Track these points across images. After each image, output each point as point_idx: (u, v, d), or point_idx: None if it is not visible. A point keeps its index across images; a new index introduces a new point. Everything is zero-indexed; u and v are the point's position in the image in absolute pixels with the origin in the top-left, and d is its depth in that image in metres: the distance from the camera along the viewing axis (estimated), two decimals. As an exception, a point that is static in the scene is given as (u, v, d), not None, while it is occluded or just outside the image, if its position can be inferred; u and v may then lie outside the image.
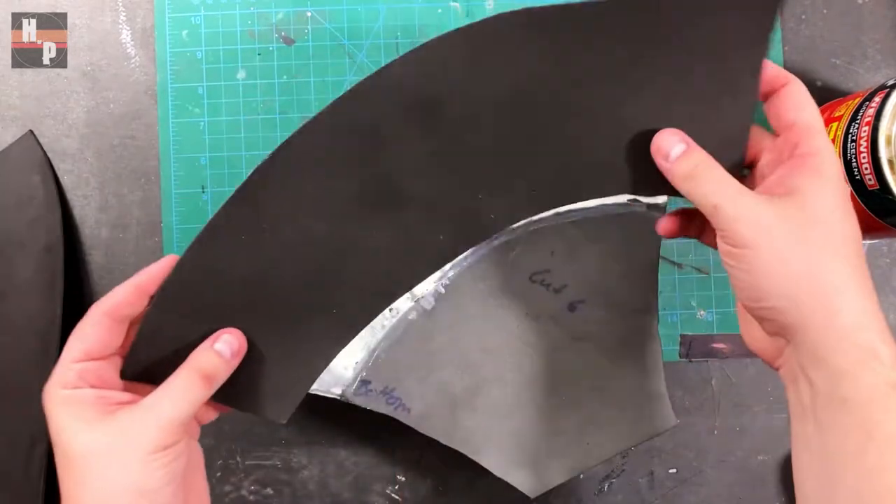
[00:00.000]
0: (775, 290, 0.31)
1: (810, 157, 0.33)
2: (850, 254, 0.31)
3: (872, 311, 0.31)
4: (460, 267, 0.42)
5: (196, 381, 0.33)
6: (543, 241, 0.42)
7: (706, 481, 0.51)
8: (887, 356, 0.30)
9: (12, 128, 0.52)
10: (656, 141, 0.34)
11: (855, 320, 0.30)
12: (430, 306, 0.43)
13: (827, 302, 0.30)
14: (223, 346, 0.35)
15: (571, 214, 0.42)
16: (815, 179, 0.32)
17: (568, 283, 0.42)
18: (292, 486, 0.51)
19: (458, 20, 0.52)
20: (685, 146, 0.34)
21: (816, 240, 0.31)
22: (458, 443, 0.42)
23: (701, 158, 0.33)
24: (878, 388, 0.29)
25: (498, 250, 0.42)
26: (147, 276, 0.35)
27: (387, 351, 0.42)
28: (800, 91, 0.34)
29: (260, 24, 0.52)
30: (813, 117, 0.34)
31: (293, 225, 0.35)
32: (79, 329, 0.35)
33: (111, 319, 0.35)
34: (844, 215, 0.32)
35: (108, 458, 0.31)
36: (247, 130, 0.51)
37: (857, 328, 0.30)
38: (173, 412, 0.32)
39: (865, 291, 0.31)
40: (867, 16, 0.52)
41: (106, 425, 0.32)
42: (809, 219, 0.31)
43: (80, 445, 0.32)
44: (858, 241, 0.32)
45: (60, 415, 0.33)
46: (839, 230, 0.32)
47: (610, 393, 0.42)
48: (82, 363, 0.34)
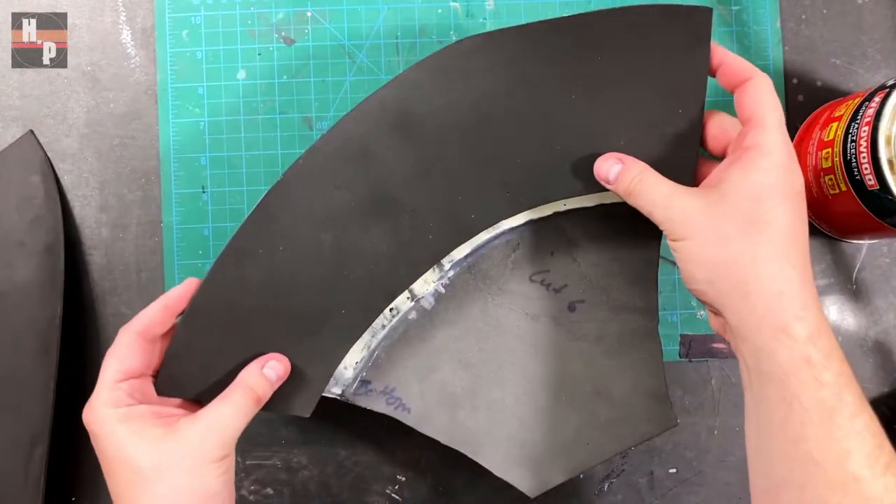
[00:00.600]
0: (699, 276, 0.35)
1: (748, 150, 0.35)
2: (772, 239, 0.33)
3: (789, 291, 0.33)
4: (460, 267, 0.43)
5: (250, 401, 0.37)
6: (543, 241, 0.42)
7: (706, 481, 0.51)
8: (800, 333, 0.32)
9: (12, 128, 0.52)
10: (596, 168, 0.39)
11: (767, 301, 0.33)
12: (430, 306, 0.43)
13: (741, 285, 0.33)
14: (271, 372, 0.39)
15: (571, 215, 0.42)
16: (743, 171, 0.34)
17: (568, 282, 0.42)
18: (292, 486, 0.51)
19: (457, 20, 0.52)
20: (620, 165, 0.38)
21: (732, 228, 0.34)
22: (459, 443, 0.42)
23: (634, 173, 0.37)
24: (794, 363, 0.32)
25: (498, 250, 0.43)
26: (173, 296, 0.39)
27: (387, 351, 0.42)
28: (759, 86, 0.36)
29: (260, 24, 0.52)
30: (767, 112, 0.35)
31: (304, 237, 0.39)
32: (114, 352, 0.38)
33: (143, 339, 0.38)
34: (771, 203, 0.34)
35: (177, 468, 0.35)
36: (247, 130, 0.51)
37: (770, 309, 0.33)
38: (234, 426, 0.36)
39: (783, 273, 0.33)
40: (867, 16, 0.52)
41: (172, 438, 0.35)
42: (728, 208, 0.34)
43: (149, 459, 0.35)
44: (787, 226, 0.33)
45: (121, 432, 0.35)
46: (759, 217, 0.33)
47: (610, 393, 0.42)
48: (126, 382, 0.37)
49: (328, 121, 0.51)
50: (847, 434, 0.31)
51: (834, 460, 0.31)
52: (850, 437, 0.31)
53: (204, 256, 0.51)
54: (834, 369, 0.32)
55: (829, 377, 0.32)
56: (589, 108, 0.39)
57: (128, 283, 0.51)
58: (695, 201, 0.35)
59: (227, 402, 0.37)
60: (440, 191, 0.39)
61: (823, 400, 0.31)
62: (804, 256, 0.34)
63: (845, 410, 0.31)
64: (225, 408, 0.36)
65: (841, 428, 0.31)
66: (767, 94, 0.36)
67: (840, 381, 0.32)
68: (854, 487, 0.31)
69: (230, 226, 0.51)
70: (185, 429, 0.35)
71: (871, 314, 0.51)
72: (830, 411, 0.31)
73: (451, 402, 0.42)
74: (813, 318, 0.32)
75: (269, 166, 0.51)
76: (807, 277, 0.33)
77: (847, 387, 0.32)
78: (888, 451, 0.32)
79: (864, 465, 0.31)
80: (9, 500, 0.46)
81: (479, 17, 0.52)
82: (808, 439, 0.32)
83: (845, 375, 0.32)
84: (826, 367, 0.32)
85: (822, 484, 0.31)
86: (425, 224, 0.40)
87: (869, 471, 0.31)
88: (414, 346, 0.42)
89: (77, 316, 0.51)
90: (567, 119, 0.39)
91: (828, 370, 0.32)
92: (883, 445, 0.32)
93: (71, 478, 0.51)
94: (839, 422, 0.31)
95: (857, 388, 0.32)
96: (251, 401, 0.37)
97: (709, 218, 0.35)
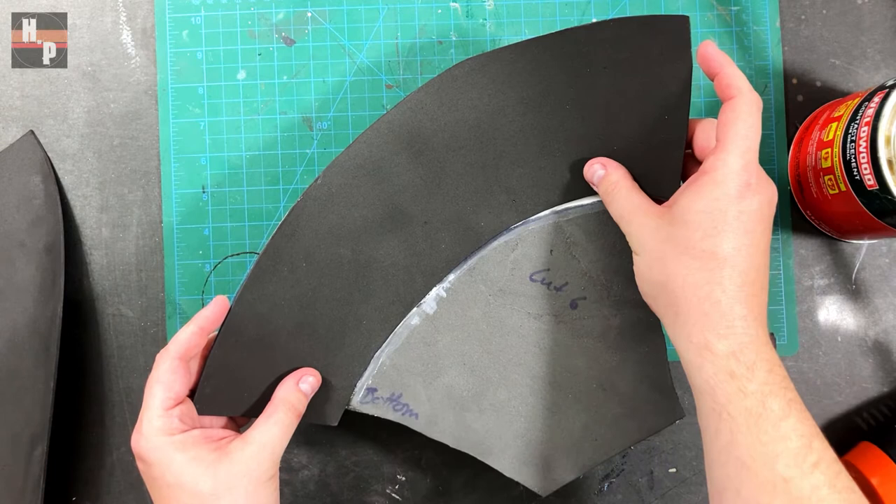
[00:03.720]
0: (645, 289, 0.38)
1: (703, 176, 0.36)
2: (704, 266, 0.35)
3: (714, 312, 0.35)
4: (461, 270, 0.43)
5: (292, 416, 0.39)
6: (542, 240, 0.43)
7: (706, 481, 0.51)
8: (722, 349, 0.34)
9: (13, 128, 0.52)
10: (585, 171, 0.41)
11: (693, 321, 0.35)
12: (432, 311, 0.43)
13: (672, 305, 0.36)
14: (306, 386, 0.40)
15: (569, 212, 0.42)
16: (692, 197, 0.36)
17: (568, 280, 0.43)
18: (292, 486, 0.51)
19: (457, 20, 0.52)
20: (603, 171, 0.40)
21: (672, 251, 0.36)
22: (467, 446, 0.43)
23: (613, 180, 0.39)
24: (718, 376, 0.34)
25: (497, 251, 0.43)
26: (206, 317, 0.40)
27: (391, 357, 0.43)
28: (738, 107, 0.36)
29: (260, 24, 0.52)
30: (733, 136, 0.36)
31: (324, 253, 0.41)
32: (158, 378, 0.39)
33: (183, 362, 0.39)
34: (711, 231, 0.35)
35: (235, 490, 0.37)
36: (247, 130, 0.51)
37: (696, 328, 0.35)
38: (281, 443, 0.38)
39: (711, 297, 0.35)
40: (867, 16, 0.52)
41: (226, 461, 0.37)
42: (672, 231, 0.36)
43: (208, 484, 0.36)
44: (722, 255, 0.35)
45: (179, 460, 0.37)
46: (696, 244, 0.35)
47: (616, 388, 0.42)
48: (176, 408, 0.39)
49: (328, 121, 0.51)
50: (773, 438, 0.33)
51: (762, 464, 0.33)
52: (776, 440, 0.33)
53: (204, 256, 0.51)
54: (759, 379, 0.34)
55: (753, 387, 0.34)
56: (582, 117, 0.41)
57: (128, 283, 0.51)
58: (650, 221, 0.37)
59: (272, 421, 0.38)
60: (450, 202, 0.42)
61: (749, 408, 0.33)
62: (745, 279, 0.35)
63: (770, 416, 0.33)
64: (271, 427, 0.38)
65: (767, 433, 0.33)
66: (743, 116, 0.36)
67: (764, 390, 0.34)
68: (783, 487, 0.32)
69: (230, 226, 0.51)
70: (237, 451, 0.37)
71: (871, 314, 0.51)
72: (756, 418, 0.33)
73: (458, 406, 0.43)
74: (739, 336, 0.34)
75: (269, 166, 0.51)
76: (743, 298, 0.35)
77: (773, 394, 0.34)
78: (818, 449, 0.33)
79: (792, 464, 0.32)
80: (9, 500, 0.46)
81: (479, 18, 0.52)
82: (739, 445, 0.34)
83: (772, 384, 0.34)
84: (749, 378, 0.34)
85: (754, 486, 0.33)
86: (438, 234, 0.42)
87: (797, 470, 0.32)
88: (418, 352, 0.43)
89: (77, 316, 0.51)
90: (562, 128, 0.41)
91: (752, 381, 0.34)
92: (812, 445, 0.33)
93: (71, 478, 0.51)
94: (765, 427, 0.33)
95: (786, 394, 0.34)
96: (293, 416, 0.39)
97: (656, 239, 0.37)
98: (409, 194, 0.42)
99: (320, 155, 0.51)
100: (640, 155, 0.40)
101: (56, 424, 0.47)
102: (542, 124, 0.41)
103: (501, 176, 0.42)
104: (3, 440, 0.47)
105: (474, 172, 0.42)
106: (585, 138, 0.41)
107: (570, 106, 0.41)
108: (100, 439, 0.51)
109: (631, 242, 0.38)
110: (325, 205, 0.41)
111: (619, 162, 0.40)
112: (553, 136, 0.41)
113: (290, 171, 0.51)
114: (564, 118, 0.41)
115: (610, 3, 0.51)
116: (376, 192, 0.41)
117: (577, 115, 0.41)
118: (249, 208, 0.51)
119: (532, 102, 0.41)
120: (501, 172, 0.42)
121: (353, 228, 0.41)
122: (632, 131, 0.40)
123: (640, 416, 0.42)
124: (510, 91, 0.41)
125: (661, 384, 0.42)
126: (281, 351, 0.41)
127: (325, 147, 0.51)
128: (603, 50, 0.40)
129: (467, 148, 0.41)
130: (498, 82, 0.41)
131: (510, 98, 0.41)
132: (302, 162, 0.51)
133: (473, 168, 0.42)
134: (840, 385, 0.51)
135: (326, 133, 0.51)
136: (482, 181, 0.42)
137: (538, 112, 0.41)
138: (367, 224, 0.41)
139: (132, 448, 0.38)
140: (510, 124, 0.41)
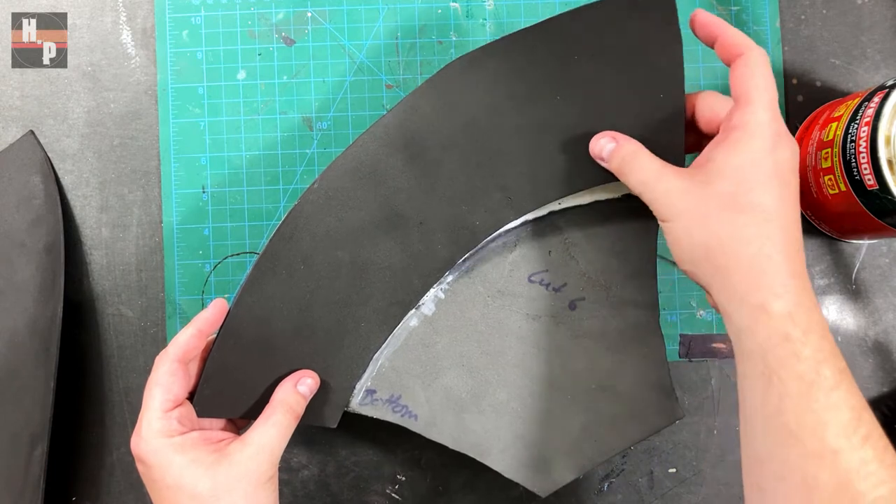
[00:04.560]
0: (686, 256, 0.36)
1: (734, 131, 0.35)
2: (752, 220, 0.33)
3: (769, 269, 0.33)
4: (459, 271, 0.43)
5: (290, 418, 0.39)
6: (540, 241, 0.42)
7: (706, 481, 0.51)
8: (779, 310, 0.33)
9: (13, 128, 0.52)
10: (591, 146, 0.39)
11: (747, 280, 0.33)
12: (430, 312, 0.43)
13: (723, 266, 0.34)
14: (304, 388, 0.40)
15: (567, 213, 0.42)
16: (727, 152, 0.35)
17: (567, 281, 0.43)
18: (292, 486, 0.51)
19: (457, 20, 0.52)
20: (614, 143, 0.38)
21: (714, 209, 0.34)
22: (467, 447, 0.43)
23: (627, 151, 0.38)
24: (772, 339, 0.32)
25: (495, 253, 0.43)
26: (205, 320, 0.40)
27: (390, 359, 0.43)
28: (752, 61, 0.36)
29: (260, 24, 0.52)
30: (755, 89, 0.35)
31: (322, 256, 0.41)
32: (157, 380, 0.39)
33: (182, 364, 0.39)
34: (752, 184, 0.34)
35: (234, 492, 0.37)
36: (247, 130, 0.52)
37: (750, 288, 0.33)
38: (279, 445, 0.38)
39: (763, 252, 0.33)
40: (867, 16, 0.52)
41: (225, 463, 0.37)
42: (710, 190, 0.34)
43: (207, 486, 0.36)
44: (768, 207, 0.34)
45: (178, 462, 0.37)
46: (740, 198, 0.34)
47: (615, 388, 0.42)
48: (175, 410, 0.39)
49: (328, 121, 0.51)
50: (824, 406, 0.31)
51: (811, 432, 0.32)
52: (827, 409, 0.31)
53: (204, 256, 0.51)
54: (813, 344, 0.32)
55: (808, 352, 0.32)
56: (575, 106, 0.40)
57: (128, 283, 0.51)
58: (680, 182, 0.36)
59: (270, 423, 0.38)
60: (445, 202, 0.41)
61: (801, 374, 0.32)
62: (789, 234, 0.34)
63: (823, 384, 0.32)
64: (269, 429, 0.38)
65: (818, 401, 0.32)
66: (759, 70, 0.35)
67: (818, 357, 0.32)
68: (831, 459, 0.31)
69: (230, 226, 0.51)
70: (236, 453, 0.37)
71: (871, 314, 0.51)
72: (808, 385, 0.32)
73: (457, 407, 0.43)
74: (794, 296, 0.33)
75: (269, 166, 0.51)
76: (792, 255, 0.33)
77: (826, 361, 0.32)
78: (867, 422, 0.32)
79: (842, 435, 0.31)
80: (9, 500, 0.46)
81: (478, 18, 0.52)
82: (786, 412, 0.32)
83: (825, 351, 0.32)
84: (804, 342, 0.32)
85: (800, 455, 0.32)
86: (434, 234, 0.42)
87: (846, 441, 0.31)
88: (417, 353, 0.43)
89: (77, 316, 0.51)
90: (556, 120, 0.41)
91: (806, 346, 0.32)
92: (862, 417, 0.32)
93: (71, 478, 0.51)
94: (816, 395, 0.32)
95: (837, 363, 0.32)
96: (291, 418, 0.39)
97: (692, 199, 0.35)
98: (404, 196, 0.41)
99: (320, 155, 0.51)
100: (639, 137, 0.39)
101: (56, 424, 0.47)
102: (535, 118, 0.41)
103: (496, 174, 0.41)
104: (3, 440, 0.47)
105: (469, 172, 0.41)
106: (580, 128, 0.40)
107: (562, 97, 0.40)
108: (100, 439, 0.51)
109: (658, 210, 0.36)
110: (322, 208, 0.41)
111: None
112: (546, 129, 0.41)
113: (290, 171, 0.51)
114: (556, 110, 0.41)
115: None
116: (373, 195, 0.41)
117: (570, 106, 0.40)
118: (249, 208, 0.51)
119: (523, 97, 0.41)
120: (496, 170, 0.41)
121: (350, 231, 0.41)
122: (628, 115, 0.40)
123: (640, 417, 0.42)
124: (500, 87, 0.41)
125: (661, 384, 0.42)
126: (279, 353, 0.41)
127: (325, 147, 0.51)
128: (590, 35, 0.40)
129: (462, 147, 0.41)
130: (488, 79, 0.41)
131: (501, 94, 0.41)
132: (302, 162, 0.51)
133: (468, 167, 0.41)
134: (840, 385, 0.51)
135: (326, 133, 0.51)
136: (477, 180, 0.41)
137: (530, 106, 0.41)
138: (364, 226, 0.41)
139: (132, 450, 0.38)
140: (503, 121, 0.41)
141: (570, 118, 0.40)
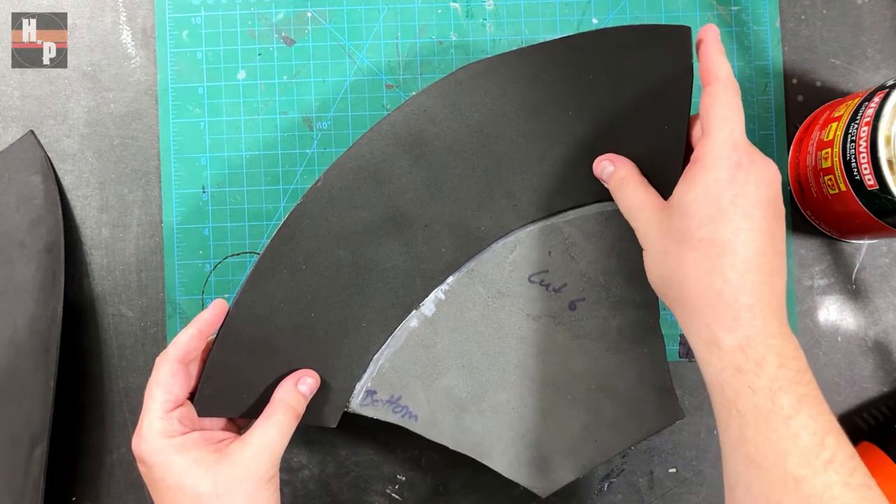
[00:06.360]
0: (655, 286, 0.38)
1: (692, 165, 0.36)
2: (702, 256, 0.34)
3: (718, 304, 0.34)
4: (459, 272, 0.43)
5: (291, 417, 0.39)
6: (540, 241, 0.43)
7: (706, 481, 0.51)
8: (728, 344, 0.33)
9: (13, 128, 0.52)
10: (594, 166, 0.41)
11: (699, 315, 0.34)
12: (431, 313, 0.43)
13: (679, 300, 0.35)
14: (305, 388, 0.40)
15: (567, 214, 0.42)
16: (685, 187, 0.35)
17: (567, 281, 0.43)
18: (292, 486, 0.51)
19: (458, 20, 0.52)
20: (612, 167, 0.40)
21: (672, 244, 0.35)
22: (467, 448, 0.43)
23: (622, 174, 0.39)
24: (725, 372, 0.33)
25: (496, 253, 0.43)
26: (205, 320, 0.40)
27: (390, 359, 0.43)
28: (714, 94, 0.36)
29: (260, 24, 0.52)
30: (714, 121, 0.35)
31: (323, 255, 0.41)
32: (158, 381, 0.39)
33: (182, 365, 0.39)
34: (705, 219, 0.34)
35: (235, 492, 0.37)
36: (247, 130, 0.51)
37: (701, 323, 0.34)
38: (280, 444, 0.38)
39: (713, 288, 0.34)
40: (867, 16, 0.52)
41: (226, 463, 0.37)
42: (671, 224, 0.36)
43: (208, 486, 0.36)
44: (719, 241, 0.34)
45: (179, 462, 0.37)
46: (692, 234, 0.34)
47: (616, 389, 0.42)
48: (176, 410, 0.39)
49: (328, 121, 0.51)
50: (782, 436, 0.32)
51: (773, 462, 0.32)
52: (786, 438, 0.32)
53: (204, 256, 0.51)
54: (769, 374, 0.33)
55: (762, 383, 0.33)
56: (585, 123, 0.41)
57: (128, 283, 0.51)
58: (654, 216, 0.37)
59: (271, 423, 0.38)
60: (451, 206, 0.42)
61: (756, 405, 0.32)
62: (748, 266, 0.34)
63: (780, 413, 0.32)
64: (270, 429, 0.38)
65: (776, 431, 0.32)
66: (721, 99, 0.35)
67: (774, 386, 0.32)
68: (794, 486, 0.32)
69: (230, 226, 0.51)
70: (237, 453, 0.37)
71: (871, 314, 0.51)
72: (765, 415, 0.32)
73: (458, 407, 0.43)
74: (747, 328, 0.33)
75: (269, 166, 0.51)
76: (747, 287, 0.33)
77: (783, 390, 0.32)
78: (831, 446, 0.32)
79: (803, 464, 0.32)
80: (9, 500, 0.46)
81: (479, 18, 0.52)
82: (748, 443, 0.33)
83: (781, 379, 0.33)
84: (757, 374, 0.33)
85: (764, 484, 0.32)
86: (438, 237, 0.42)
87: (808, 469, 0.32)
88: (417, 354, 0.43)
89: (77, 316, 0.51)
90: (566, 134, 0.41)
91: (760, 377, 0.33)
92: (824, 442, 0.32)
93: (71, 478, 0.51)
94: (774, 424, 0.32)
95: (796, 389, 0.33)
96: (292, 418, 0.39)
97: (658, 234, 0.36)
98: (409, 197, 0.42)
99: (320, 155, 0.51)
100: (641, 161, 0.40)
101: (56, 424, 0.47)
102: (545, 130, 0.41)
103: (503, 181, 0.42)
104: (3, 440, 0.47)
105: (476, 177, 0.42)
106: (587, 145, 0.41)
107: (573, 112, 0.41)
108: (100, 439, 0.51)
109: (639, 238, 0.38)
110: (325, 207, 0.41)
111: None
112: (555, 141, 0.41)
113: (290, 171, 0.51)
114: (566, 124, 0.41)
115: (610, 3, 0.51)
116: (377, 195, 0.41)
117: (579, 122, 0.41)
118: (249, 208, 0.51)
119: (535, 108, 0.41)
120: (503, 177, 0.42)
121: (353, 231, 0.41)
122: (632, 138, 0.41)
123: (640, 417, 0.42)
124: (513, 96, 0.41)
125: (661, 385, 0.42)
126: (280, 353, 0.41)
127: (325, 147, 0.51)
128: (605, 57, 0.40)
129: (469, 152, 0.41)
130: (501, 87, 0.41)
131: (513, 103, 0.41)
132: (302, 162, 0.51)
133: (475, 172, 0.42)
134: (840, 385, 0.51)
135: (326, 133, 0.51)
136: (484, 185, 0.42)
137: (541, 118, 0.41)
138: (367, 227, 0.41)
139: (133, 451, 0.38)
140: (512, 129, 0.41)
141: (580, 134, 0.41)
